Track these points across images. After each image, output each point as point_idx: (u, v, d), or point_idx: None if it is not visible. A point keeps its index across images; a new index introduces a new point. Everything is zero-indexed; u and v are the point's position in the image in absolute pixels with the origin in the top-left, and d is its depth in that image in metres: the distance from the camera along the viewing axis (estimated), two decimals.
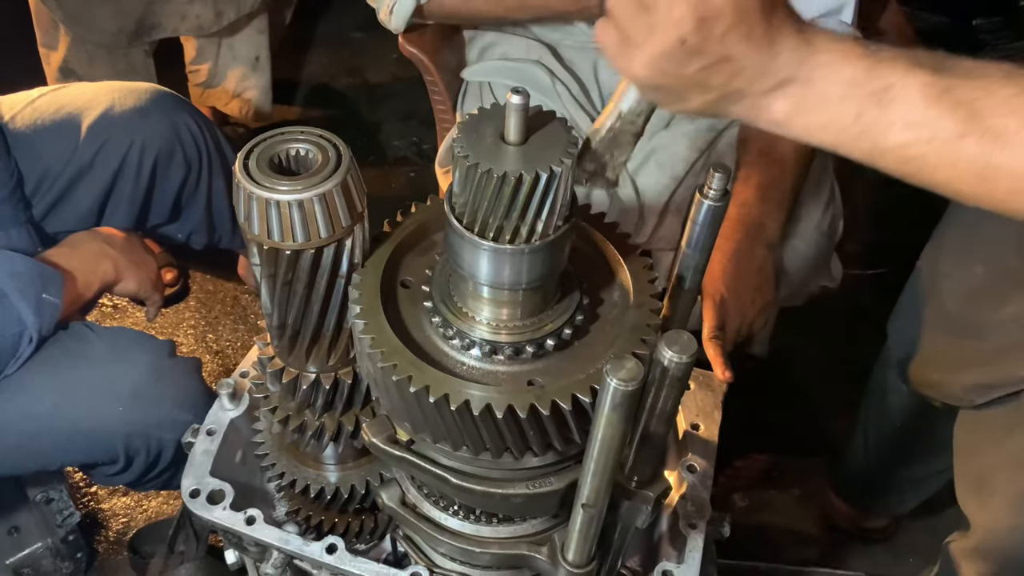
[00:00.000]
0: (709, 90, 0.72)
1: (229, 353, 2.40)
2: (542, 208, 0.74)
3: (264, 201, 0.78)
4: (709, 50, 0.69)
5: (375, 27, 1.65)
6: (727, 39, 0.69)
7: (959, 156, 0.68)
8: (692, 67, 0.70)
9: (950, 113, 0.68)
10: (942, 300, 1.43)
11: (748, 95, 0.72)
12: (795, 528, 1.98)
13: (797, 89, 0.71)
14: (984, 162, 0.68)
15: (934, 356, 1.48)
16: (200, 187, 1.77)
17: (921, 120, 0.69)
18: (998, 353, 1.33)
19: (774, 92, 0.72)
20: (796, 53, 0.70)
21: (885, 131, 0.70)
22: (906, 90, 0.69)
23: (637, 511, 0.91)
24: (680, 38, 0.69)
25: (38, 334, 1.33)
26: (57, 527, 1.75)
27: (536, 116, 0.75)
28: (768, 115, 0.73)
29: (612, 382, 0.67)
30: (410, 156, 2.98)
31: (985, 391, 1.36)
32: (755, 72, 0.71)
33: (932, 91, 0.68)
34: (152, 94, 1.67)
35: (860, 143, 0.72)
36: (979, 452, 1.40)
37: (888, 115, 0.69)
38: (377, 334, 0.81)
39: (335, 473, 1.09)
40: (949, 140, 0.68)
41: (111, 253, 1.52)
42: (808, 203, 1.66)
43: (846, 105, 0.70)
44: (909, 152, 0.70)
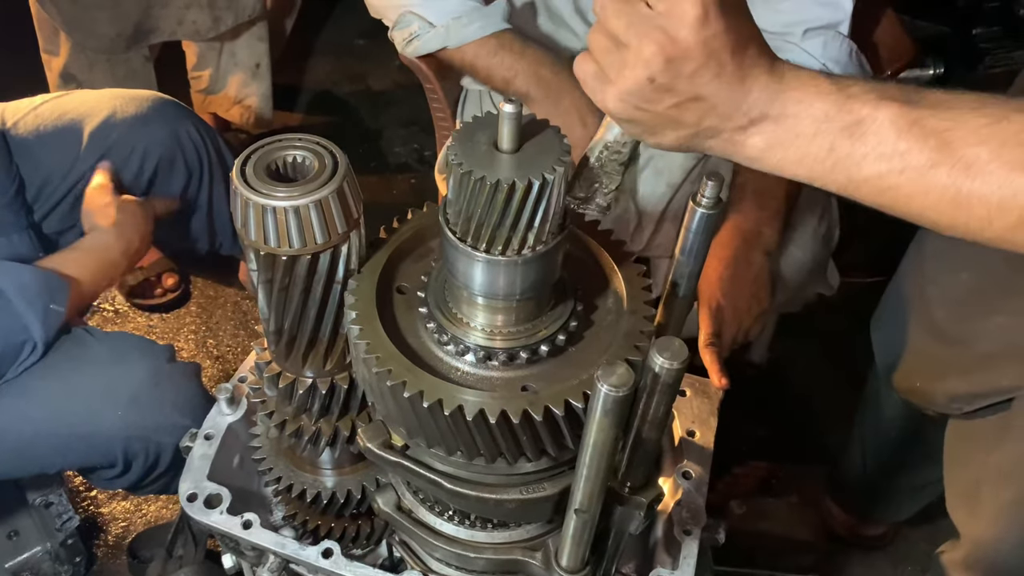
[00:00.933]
0: (682, 127, 0.74)
1: (229, 358, 2.41)
2: (535, 216, 0.75)
3: (261, 207, 0.78)
4: (679, 89, 0.71)
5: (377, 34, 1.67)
6: (696, 79, 0.71)
7: (932, 186, 0.69)
8: (663, 104, 0.72)
9: (921, 144, 0.69)
10: (928, 307, 1.42)
11: (722, 132, 0.74)
12: (793, 535, 1.97)
13: (770, 126, 0.73)
14: (956, 191, 0.69)
15: (919, 364, 1.47)
16: (201, 194, 1.78)
17: (892, 151, 0.70)
18: (983, 361, 1.33)
19: (747, 129, 0.73)
20: (767, 91, 0.72)
21: (859, 163, 0.71)
22: (876, 123, 0.70)
23: (630, 517, 0.91)
24: (649, 77, 0.71)
25: (44, 344, 1.34)
26: (56, 531, 1.76)
27: (530, 124, 0.76)
28: (743, 151, 0.75)
29: (603, 388, 0.67)
30: (411, 163, 2.99)
31: (970, 400, 1.36)
32: (727, 110, 0.72)
33: (902, 123, 0.69)
34: (154, 102, 1.69)
35: (835, 176, 0.73)
36: (968, 462, 1.39)
37: (860, 148, 0.71)
38: (372, 340, 0.82)
39: (331, 478, 1.09)
40: (921, 170, 0.69)
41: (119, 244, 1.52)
42: (804, 210, 1.67)
43: (819, 140, 0.72)
44: (883, 183, 0.71)
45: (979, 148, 0.68)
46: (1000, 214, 0.68)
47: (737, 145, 0.75)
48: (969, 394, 1.36)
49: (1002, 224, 0.69)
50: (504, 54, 1.54)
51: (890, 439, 1.72)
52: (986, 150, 0.67)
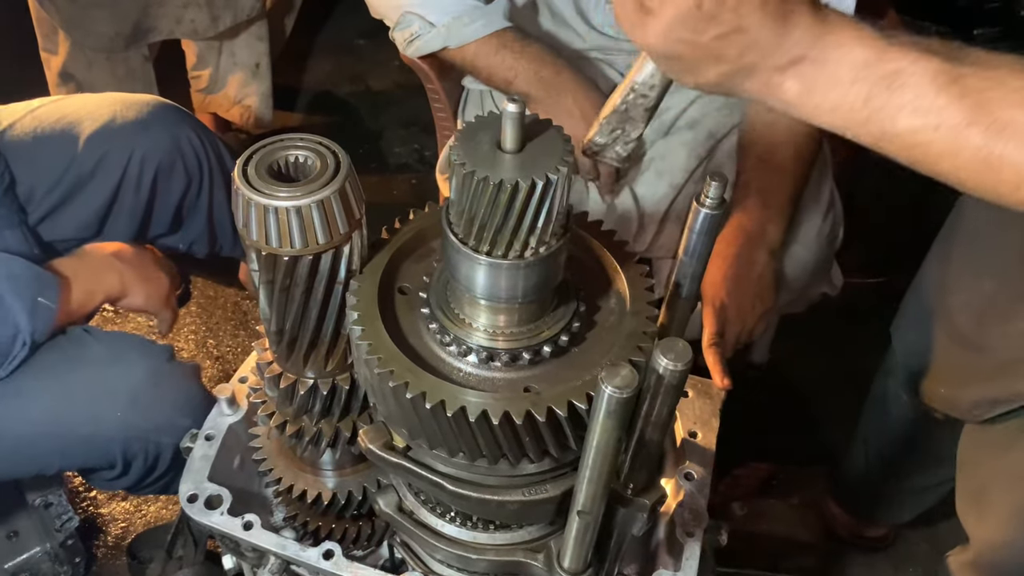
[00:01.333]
0: (723, 62, 0.72)
1: (229, 359, 2.40)
2: (538, 216, 0.74)
3: (262, 207, 0.78)
4: (724, 18, 0.70)
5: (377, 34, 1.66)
6: (742, 8, 0.69)
7: (964, 145, 0.68)
8: (707, 35, 0.71)
9: (958, 101, 0.68)
10: (951, 315, 1.42)
11: (761, 70, 0.72)
12: (794, 536, 1.97)
13: (809, 68, 0.71)
14: (988, 152, 0.68)
15: (943, 370, 1.46)
16: (201, 198, 1.77)
17: (929, 107, 0.69)
18: (1004, 368, 1.32)
19: (786, 70, 0.72)
20: (810, 31, 0.70)
21: (893, 116, 0.70)
22: (916, 76, 0.69)
23: (633, 518, 0.91)
24: (696, 2, 0.69)
25: (31, 337, 1.32)
26: (56, 531, 1.75)
27: (532, 124, 0.75)
28: (780, 94, 0.74)
29: (607, 389, 0.67)
30: (412, 163, 2.99)
31: (991, 406, 1.35)
32: (768, 46, 0.71)
33: (942, 79, 0.68)
34: (153, 106, 1.68)
35: (868, 127, 0.72)
36: (980, 466, 1.39)
37: (897, 100, 0.69)
38: (374, 340, 0.81)
39: (332, 479, 1.09)
40: (955, 128, 0.68)
41: (118, 267, 1.51)
42: (808, 209, 1.67)
43: (856, 87, 0.70)
44: (916, 139, 0.70)
45: (1015, 111, 0.67)
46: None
47: (774, 88, 0.73)
48: (991, 400, 1.36)
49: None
50: (505, 53, 1.54)
51: (895, 441, 1.72)
52: (1022, 113, 0.66)
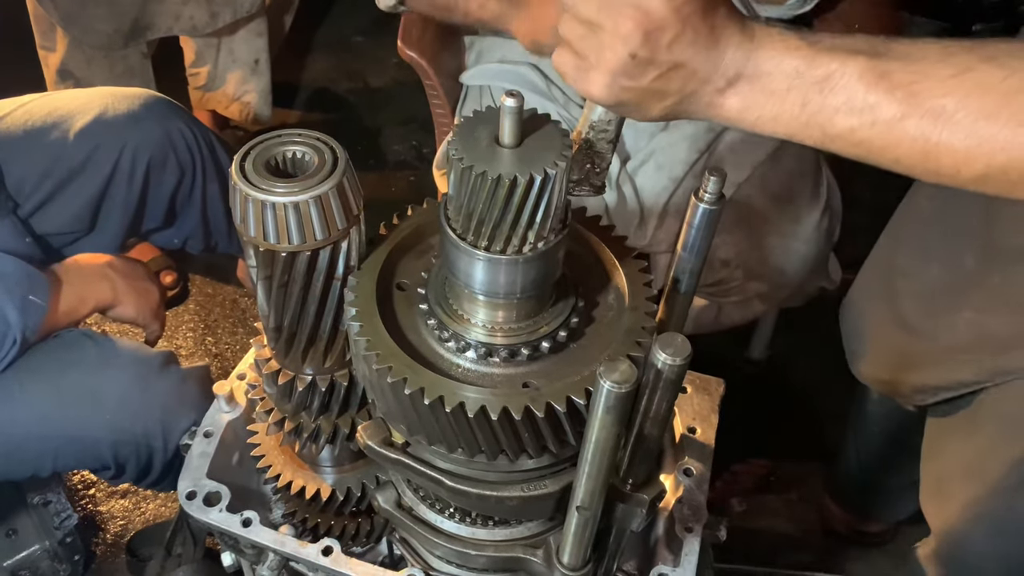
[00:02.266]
0: (666, 96, 0.76)
1: (228, 356, 2.40)
2: (536, 211, 0.74)
3: (260, 203, 0.78)
4: (659, 59, 0.73)
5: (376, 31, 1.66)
6: (675, 47, 0.72)
7: (902, 138, 0.71)
8: (647, 78, 0.74)
9: (889, 96, 0.70)
10: (898, 299, 1.42)
11: (703, 94, 0.75)
12: (792, 533, 1.97)
13: (745, 85, 0.74)
14: (924, 141, 0.70)
15: (885, 354, 1.48)
16: (195, 192, 1.77)
17: (862, 105, 0.71)
18: (948, 355, 1.34)
19: (726, 90, 0.75)
20: (741, 50, 0.73)
21: (831, 118, 0.72)
22: (845, 77, 0.71)
23: (632, 514, 0.91)
24: (631, 53, 0.72)
25: (21, 335, 1.32)
26: (55, 529, 1.75)
27: (531, 119, 0.75)
28: (723, 112, 0.76)
29: (605, 384, 0.67)
30: (410, 160, 2.98)
31: (933, 392, 1.37)
32: (706, 73, 0.74)
33: (870, 75, 0.71)
34: (145, 99, 1.67)
35: (810, 131, 0.74)
36: (940, 457, 1.40)
37: (831, 102, 0.72)
38: (372, 336, 0.81)
39: (331, 475, 1.09)
40: (891, 123, 0.71)
41: (111, 276, 1.51)
42: (807, 204, 1.67)
43: (792, 96, 0.73)
44: (855, 137, 0.72)
45: (945, 99, 0.69)
46: (967, 163, 0.70)
47: (717, 107, 0.76)
48: (933, 387, 1.37)
49: (970, 172, 0.70)
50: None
51: (874, 436, 1.72)
52: (952, 100, 0.69)
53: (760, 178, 1.66)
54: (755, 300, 1.78)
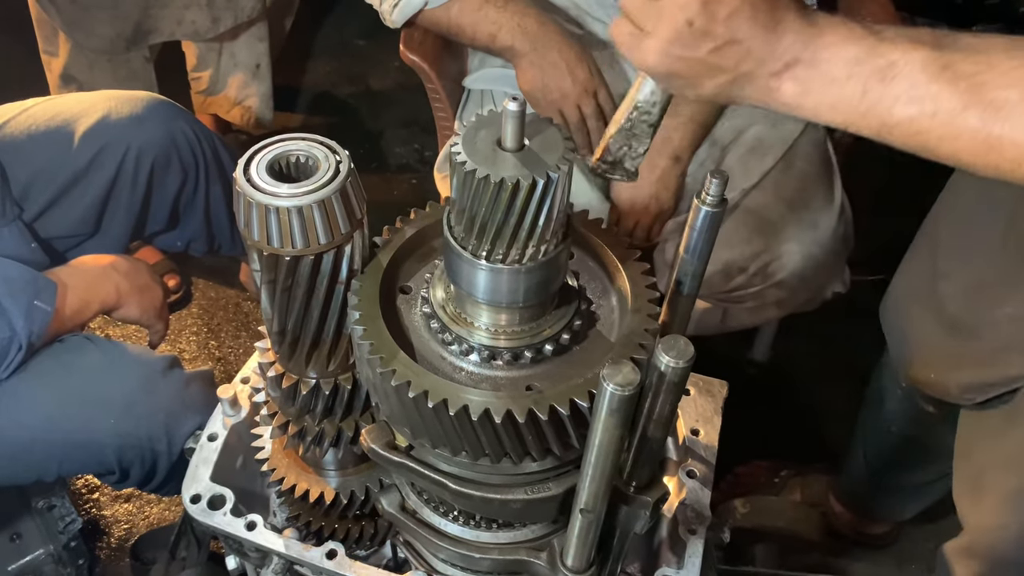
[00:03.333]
0: (720, 73, 0.75)
1: (231, 360, 2.40)
2: (539, 215, 0.74)
3: (264, 207, 0.78)
4: (716, 32, 0.72)
5: (377, 35, 1.66)
6: (733, 21, 0.72)
7: (963, 129, 0.70)
8: (702, 50, 0.73)
9: (951, 87, 0.70)
10: (941, 301, 1.43)
11: (758, 77, 0.75)
12: (797, 534, 1.97)
13: (804, 70, 0.73)
14: (987, 133, 0.69)
15: (933, 356, 1.48)
16: (198, 194, 1.77)
17: (924, 95, 0.70)
18: (994, 352, 1.34)
19: (782, 74, 0.74)
20: (801, 35, 0.73)
21: (890, 107, 0.72)
22: (908, 66, 0.71)
23: (635, 516, 0.91)
24: (687, 20, 0.72)
25: (27, 340, 1.32)
26: (59, 534, 1.75)
27: (533, 123, 0.75)
28: (779, 97, 0.76)
29: (609, 387, 0.67)
30: (412, 163, 2.99)
31: (983, 390, 1.37)
32: (762, 54, 0.73)
33: (933, 66, 0.70)
34: (148, 102, 1.68)
35: (868, 120, 0.73)
36: (974, 452, 1.40)
37: (892, 91, 0.71)
38: (376, 340, 0.82)
39: (335, 479, 1.09)
40: (952, 113, 0.70)
41: (114, 277, 1.50)
42: (824, 211, 1.68)
43: (852, 83, 0.72)
44: (915, 127, 0.72)
45: (1009, 91, 0.68)
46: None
47: (772, 92, 0.75)
48: (982, 384, 1.37)
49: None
50: (488, 8, 1.54)
51: (891, 437, 1.72)
52: (1016, 92, 0.68)
53: (773, 185, 1.67)
54: (771, 306, 1.79)
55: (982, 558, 1.35)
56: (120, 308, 1.53)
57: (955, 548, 1.41)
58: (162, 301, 1.62)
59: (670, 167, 1.53)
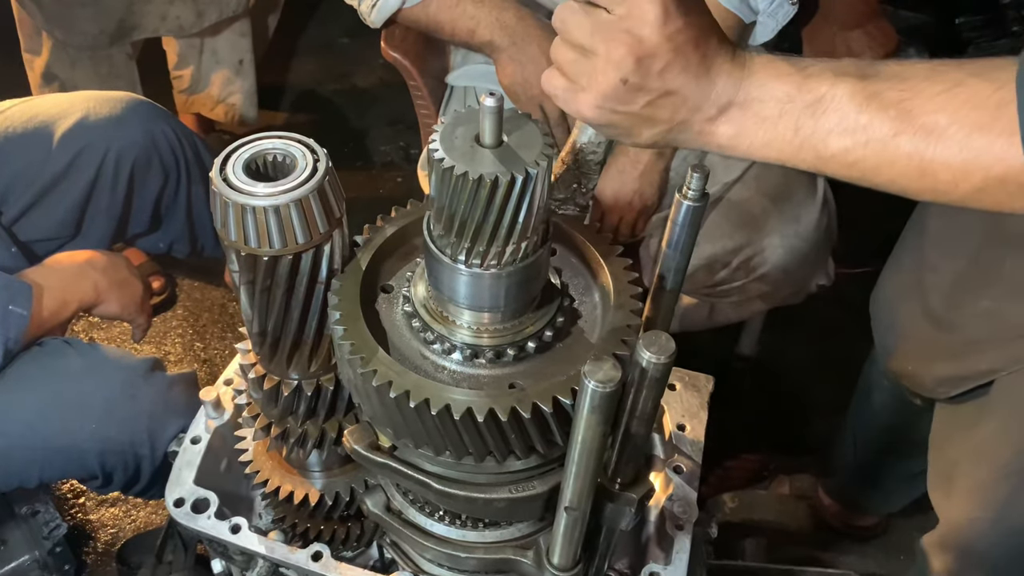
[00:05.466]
0: (657, 124, 0.76)
1: (217, 362, 2.39)
2: (519, 211, 0.74)
3: (240, 207, 0.77)
4: (651, 86, 0.73)
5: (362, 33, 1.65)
6: (666, 75, 0.73)
7: (896, 155, 0.71)
8: (637, 104, 0.74)
9: (881, 115, 0.71)
10: (926, 293, 1.44)
11: (693, 123, 0.76)
12: (785, 527, 1.98)
13: (737, 113, 0.75)
14: (920, 158, 0.70)
15: (913, 347, 1.49)
16: (179, 196, 1.75)
17: (855, 125, 0.72)
18: (967, 345, 1.35)
19: (717, 119, 0.75)
20: (732, 78, 0.74)
21: (824, 140, 0.73)
22: (836, 99, 0.72)
23: (621, 513, 0.91)
24: (622, 78, 0.73)
25: (4, 347, 1.30)
26: (44, 539, 1.73)
27: (512, 119, 0.75)
28: (715, 140, 0.77)
29: (590, 384, 0.67)
30: (397, 161, 2.97)
31: (955, 383, 1.38)
32: (697, 101, 0.74)
33: (860, 96, 0.71)
34: (128, 103, 1.66)
35: (803, 155, 0.75)
36: (947, 445, 1.41)
37: (824, 125, 0.73)
38: (356, 340, 0.81)
39: (320, 480, 1.08)
40: (884, 141, 0.71)
41: (92, 274, 1.48)
42: (805, 203, 1.68)
43: (784, 121, 0.74)
44: (849, 157, 0.73)
45: (937, 115, 0.69)
46: (964, 177, 0.70)
47: (708, 136, 0.77)
48: (955, 377, 1.38)
49: (967, 186, 0.71)
50: (466, 4, 1.53)
51: (880, 429, 1.73)
52: (944, 116, 0.69)
53: (755, 179, 1.67)
54: (756, 300, 1.79)
55: (955, 550, 1.36)
56: (100, 305, 1.51)
57: (931, 541, 1.42)
58: (143, 294, 1.60)
59: (653, 162, 1.53)
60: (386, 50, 1.71)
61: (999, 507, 1.28)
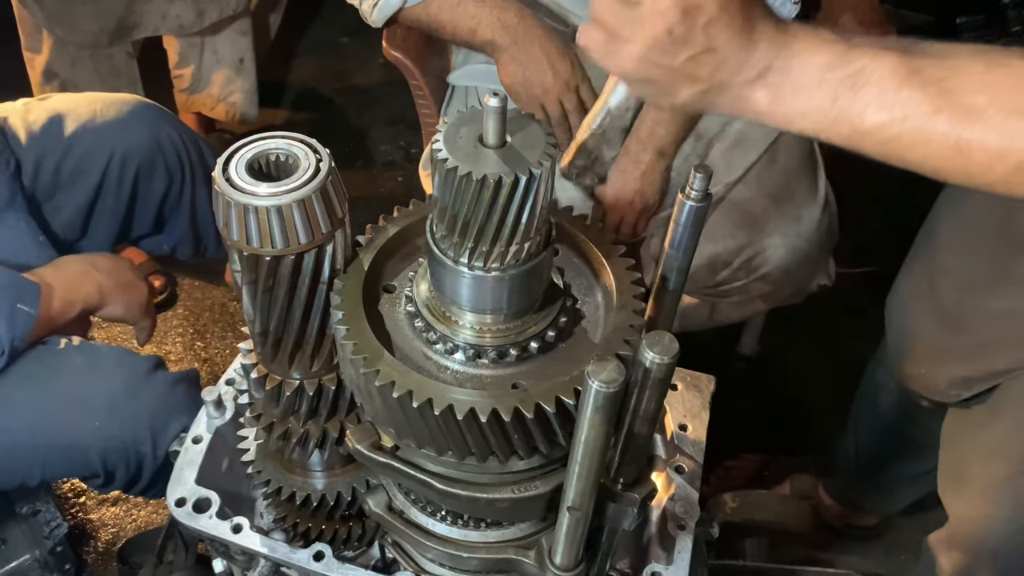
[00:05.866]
0: (696, 82, 0.75)
1: (218, 361, 2.39)
2: (522, 212, 0.74)
3: (242, 207, 0.77)
4: (694, 40, 0.72)
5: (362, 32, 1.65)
6: (711, 29, 0.72)
7: (933, 133, 0.70)
8: (680, 57, 0.73)
9: (921, 92, 0.70)
10: (939, 296, 1.43)
11: (732, 86, 0.75)
12: (786, 527, 1.97)
13: (776, 77, 0.74)
14: (956, 138, 0.70)
15: (927, 350, 1.49)
16: (183, 198, 1.76)
17: (894, 100, 0.71)
18: (980, 346, 1.35)
19: (755, 82, 0.74)
20: (774, 43, 0.73)
21: (861, 113, 0.72)
22: (877, 72, 0.71)
23: (623, 513, 0.91)
24: (667, 28, 0.71)
25: (10, 345, 1.30)
26: (44, 539, 1.73)
27: (515, 119, 0.75)
28: (751, 105, 0.76)
29: (594, 384, 0.67)
30: (398, 160, 2.97)
31: (968, 385, 1.38)
32: (737, 62, 0.73)
33: (902, 71, 0.70)
34: (133, 105, 1.66)
35: (839, 127, 0.74)
36: (958, 443, 1.40)
37: (863, 97, 0.72)
38: (359, 340, 0.81)
39: (321, 480, 1.08)
40: (922, 118, 0.70)
41: (96, 276, 1.48)
42: (806, 202, 1.68)
43: (822, 90, 0.73)
44: (885, 133, 0.72)
45: (978, 95, 0.69)
46: (1000, 159, 0.69)
47: (745, 100, 0.76)
48: (968, 378, 1.38)
49: (1002, 169, 0.70)
50: (467, 3, 1.53)
51: (884, 430, 1.72)
52: (985, 96, 0.69)
53: (756, 179, 1.67)
54: (757, 300, 1.79)
55: (965, 548, 1.36)
56: (104, 307, 1.51)
57: (938, 539, 1.41)
58: (147, 298, 1.60)
59: (655, 162, 1.53)
60: (387, 49, 1.71)
61: (1013, 505, 1.28)
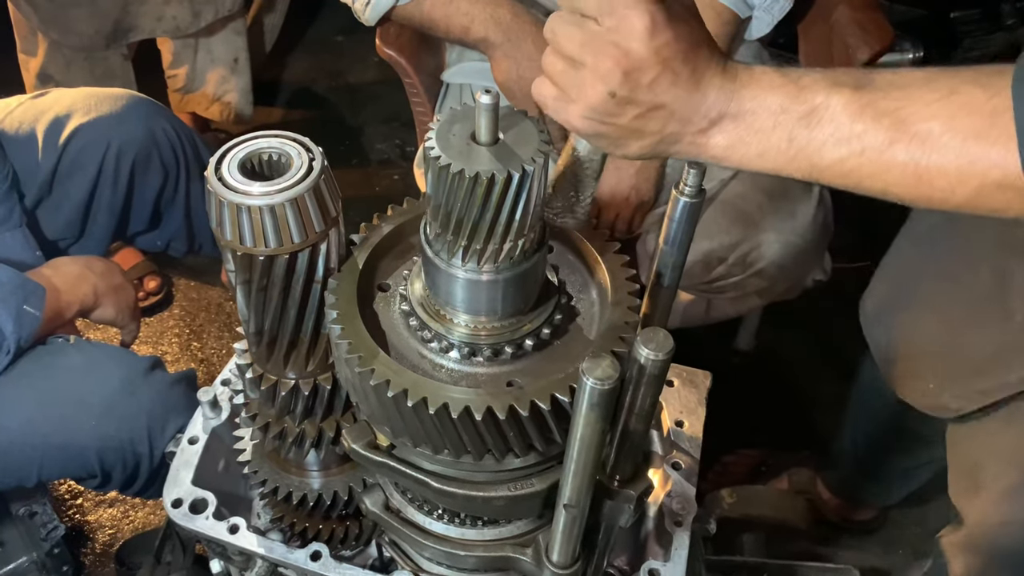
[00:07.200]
0: (645, 136, 0.76)
1: (214, 361, 2.38)
2: (515, 209, 0.73)
3: (235, 206, 0.77)
4: (639, 99, 0.73)
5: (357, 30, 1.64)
6: (655, 87, 0.72)
7: (891, 164, 0.71)
8: (626, 117, 0.74)
9: (875, 124, 0.71)
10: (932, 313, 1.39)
11: (684, 135, 0.76)
12: (784, 522, 1.98)
13: (730, 124, 0.74)
14: (915, 165, 0.70)
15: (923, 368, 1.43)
16: (179, 193, 1.76)
17: (849, 135, 0.71)
18: (992, 361, 1.31)
19: (708, 131, 0.75)
20: (723, 91, 0.74)
21: (819, 150, 0.73)
22: (831, 110, 0.72)
23: (620, 510, 0.91)
24: (609, 91, 0.72)
25: (16, 345, 1.31)
26: (42, 541, 1.73)
27: (507, 116, 0.75)
28: (707, 151, 0.77)
29: (588, 381, 0.67)
30: (393, 158, 2.97)
31: (980, 397, 1.34)
32: (687, 114, 0.74)
33: (854, 107, 0.71)
34: (128, 100, 1.66)
35: (798, 164, 0.74)
36: (972, 446, 1.38)
37: (819, 135, 0.72)
38: (354, 339, 0.81)
39: (318, 479, 1.08)
40: (879, 150, 0.71)
41: (91, 278, 1.50)
42: (801, 199, 1.68)
43: (778, 132, 0.73)
44: (845, 167, 0.73)
45: (932, 122, 0.69)
46: (960, 183, 0.70)
47: (700, 147, 0.76)
48: (981, 391, 1.33)
49: (964, 193, 0.70)
50: (460, 1, 1.53)
51: (881, 423, 1.72)
52: (938, 123, 0.69)
53: (751, 175, 1.67)
54: (752, 295, 1.79)
55: (982, 553, 1.34)
56: (97, 308, 1.52)
57: (952, 542, 1.39)
58: (135, 301, 1.61)
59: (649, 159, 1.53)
60: (381, 48, 1.70)
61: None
